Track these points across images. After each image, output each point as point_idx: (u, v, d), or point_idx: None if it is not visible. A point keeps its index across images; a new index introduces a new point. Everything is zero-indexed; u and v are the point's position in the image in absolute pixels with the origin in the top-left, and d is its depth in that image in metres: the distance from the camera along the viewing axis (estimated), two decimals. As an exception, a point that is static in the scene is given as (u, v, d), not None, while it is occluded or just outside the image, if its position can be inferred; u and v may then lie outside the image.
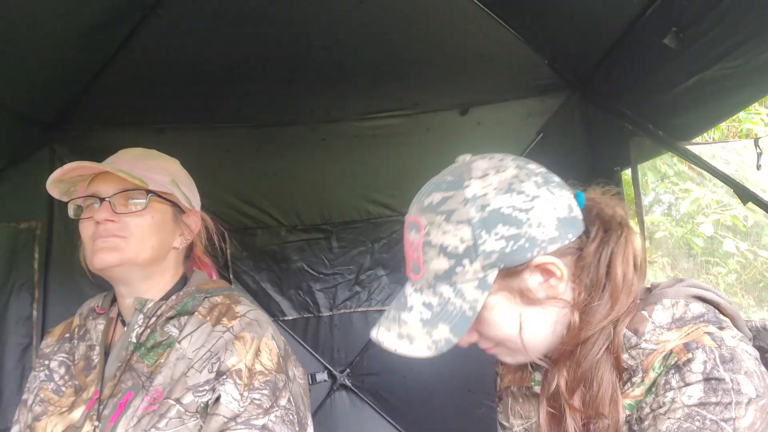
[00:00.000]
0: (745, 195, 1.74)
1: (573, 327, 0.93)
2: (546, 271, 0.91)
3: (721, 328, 0.89)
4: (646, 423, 0.86)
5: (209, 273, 1.49)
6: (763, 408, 0.81)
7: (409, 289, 0.97)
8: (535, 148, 2.66)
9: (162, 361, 1.25)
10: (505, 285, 0.91)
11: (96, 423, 1.21)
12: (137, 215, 1.28)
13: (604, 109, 2.24)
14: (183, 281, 1.39)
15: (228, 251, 2.72)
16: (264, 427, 1.17)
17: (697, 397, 0.81)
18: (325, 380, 2.86)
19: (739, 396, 0.80)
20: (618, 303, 0.92)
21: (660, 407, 0.85)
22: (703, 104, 1.76)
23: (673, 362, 0.85)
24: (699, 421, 0.80)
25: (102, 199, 1.26)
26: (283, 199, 2.75)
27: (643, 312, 0.93)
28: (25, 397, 1.36)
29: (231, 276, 2.75)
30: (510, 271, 0.90)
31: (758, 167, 1.71)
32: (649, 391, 0.88)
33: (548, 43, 2.23)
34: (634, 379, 0.90)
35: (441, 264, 0.91)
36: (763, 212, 1.53)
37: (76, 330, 1.39)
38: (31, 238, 2.22)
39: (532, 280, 0.92)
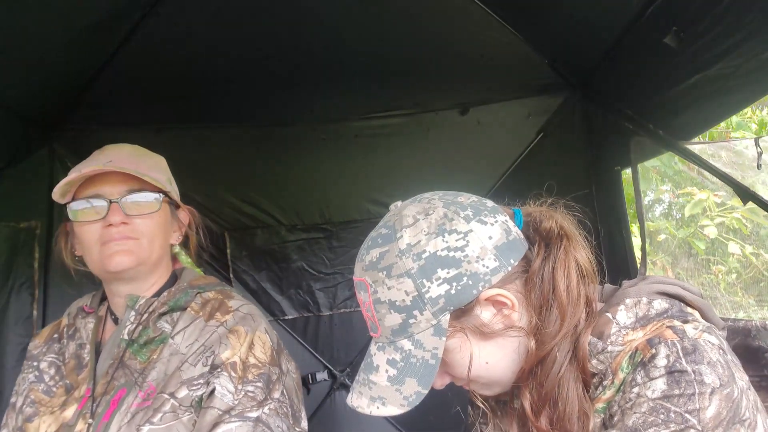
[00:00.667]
0: (745, 195, 1.74)
1: (530, 353, 0.92)
2: (497, 303, 0.91)
3: (685, 321, 0.88)
4: (615, 419, 0.86)
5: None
6: (728, 397, 0.81)
7: (373, 348, 0.97)
8: (535, 148, 2.66)
9: (155, 357, 1.25)
10: (460, 325, 0.91)
11: (89, 420, 1.21)
12: (147, 217, 1.28)
13: (605, 109, 2.24)
14: (174, 277, 1.40)
15: (228, 251, 2.72)
16: (258, 419, 1.18)
17: (661, 390, 0.81)
18: (325, 379, 2.86)
19: (702, 386, 0.80)
20: (566, 318, 0.91)
21: (626, 403, 0.85)
22: (703, 104, 1.76)
23: (639, 359, 0.85)
24: (663, 414, 0.80)
25: (110, 201, 1.25)
26: (283, 198, 2.74)
27: (607, 314, 0.93)
28: (13, 400, 1.36)
29: (231, 276, 2.74)
30: (461, 311, 0.90)
31: (758, 166, 1.71)
32: (618, 390, 0.88)
33: (548, 43, 2.23)
34: (605, 383, 0.90)
35: (394, 319, 0.91)
36: (764, 213, 1.54)
37: (65, 330, 1.39)
38: (31, 238, 2.22)
39: (485, 315, 0.92)
